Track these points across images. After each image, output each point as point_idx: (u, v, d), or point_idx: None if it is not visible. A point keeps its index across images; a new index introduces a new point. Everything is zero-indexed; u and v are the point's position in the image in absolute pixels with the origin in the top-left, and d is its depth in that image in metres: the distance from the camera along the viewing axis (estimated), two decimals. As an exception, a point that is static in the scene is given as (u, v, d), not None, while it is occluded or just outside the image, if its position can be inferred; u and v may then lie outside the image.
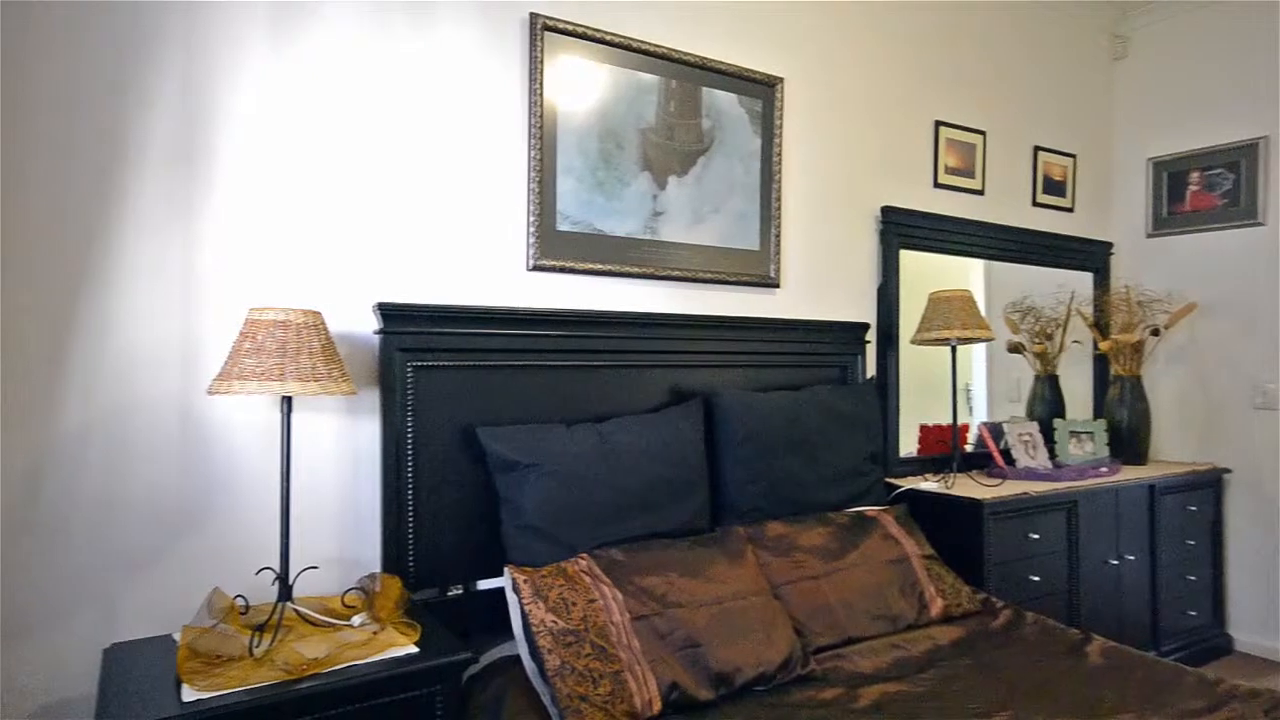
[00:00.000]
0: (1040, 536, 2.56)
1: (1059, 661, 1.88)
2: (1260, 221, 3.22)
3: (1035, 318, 3.31)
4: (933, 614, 2.10)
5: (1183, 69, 3.47)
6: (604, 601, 1.68)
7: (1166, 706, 1.64)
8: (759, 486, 2.27)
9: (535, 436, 1.93)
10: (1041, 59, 3.42)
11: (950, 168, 3.08)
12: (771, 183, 2.56)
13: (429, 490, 1.89)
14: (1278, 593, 3.17)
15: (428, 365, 1.91)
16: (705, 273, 2.43)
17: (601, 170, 2.22)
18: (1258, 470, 3.23)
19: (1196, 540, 3.16)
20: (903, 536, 2.28)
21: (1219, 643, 3.24)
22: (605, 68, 2.22)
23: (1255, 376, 3.24)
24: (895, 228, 2.87)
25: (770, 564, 2.03)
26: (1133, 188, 3.63)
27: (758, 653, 1.71)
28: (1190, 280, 3.40)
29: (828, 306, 2.75)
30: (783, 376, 2.55)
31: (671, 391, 2.30)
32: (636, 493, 1.98)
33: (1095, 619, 2.69)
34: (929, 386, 2.93)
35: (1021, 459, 2.92)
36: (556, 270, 2.15)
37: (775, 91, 2.55)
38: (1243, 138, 3.26)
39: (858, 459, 2.50)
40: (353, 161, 1.90)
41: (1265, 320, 3.21)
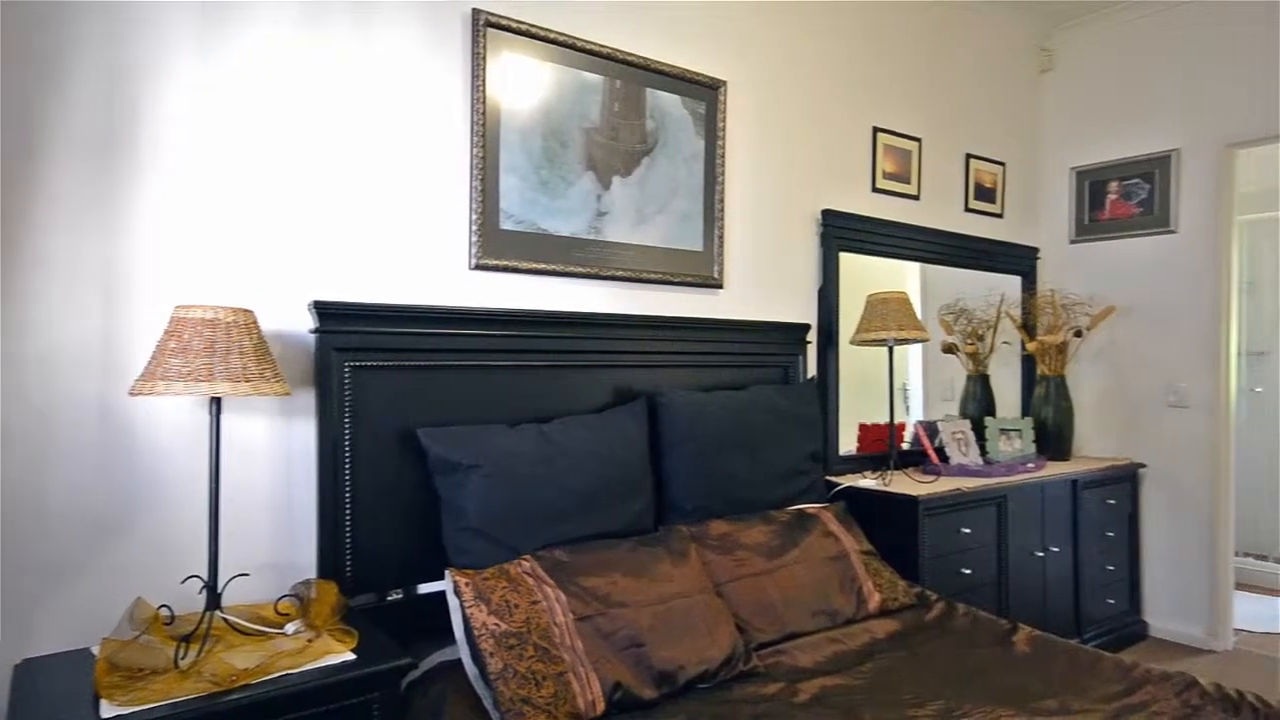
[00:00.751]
0: (972, 531, 2.66)
1: (989, 651, 1.95)
2: (1172, 229, 3.40)
3: (968, 319, 3.43)
4: (870, 608, 2.15)
5: (1103, 83, 3.64)
6: (547, 603, 1.67)
7: (1087, 691, 1.72)
8: (703, 485, 2.29)
9: (477, 437, 1.90)
10: (973, 70, 3.54)
11: (888, 173, 3.16)
12: (715, 184, 2.58)
13: (367, 493, 1.85)
14: (1189, 581, 3.35)
15: (366, 365, 1.86)
16: (649, 273, 2.44)
17: (545, 169, 2.20)
18: (1171, 464, 3.41)
19: (1115, 532, 3.32)
20: (842, 533, 2.33)
21: (1136, 629, 3.41)
22: (549, 66, 2.21)
23: (1168, 376, 3.42)
24: (835, 230, 2.93)
25: (713, 562, 2.05)
26: (1057, 196, 3.79)
27: (701, 651, 1.72)
28: (1110, 284, 3.57)
29: (770, 307, 2.79)
30: (726, 376, 2.58)
31: (616, 392, 2.30)
32: (580, 493, 1.97)
33: (1023, 609, 2.80)
34: (868, 386, 3.00)
35: (955, 456, 3.02)
36: (500, 269, 2.13)
37: (718, 94, 2.58)
38: (1156, 150, 3.44)
39: (799, 457, 2.54)
40: (289, 157, 1.84)
41: (1177, 323, 3.39)
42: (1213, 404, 3.29)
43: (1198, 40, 3.33)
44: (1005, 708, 1.63)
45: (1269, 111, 3.13)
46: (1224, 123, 3.26)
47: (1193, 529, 3.34)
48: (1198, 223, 3.33)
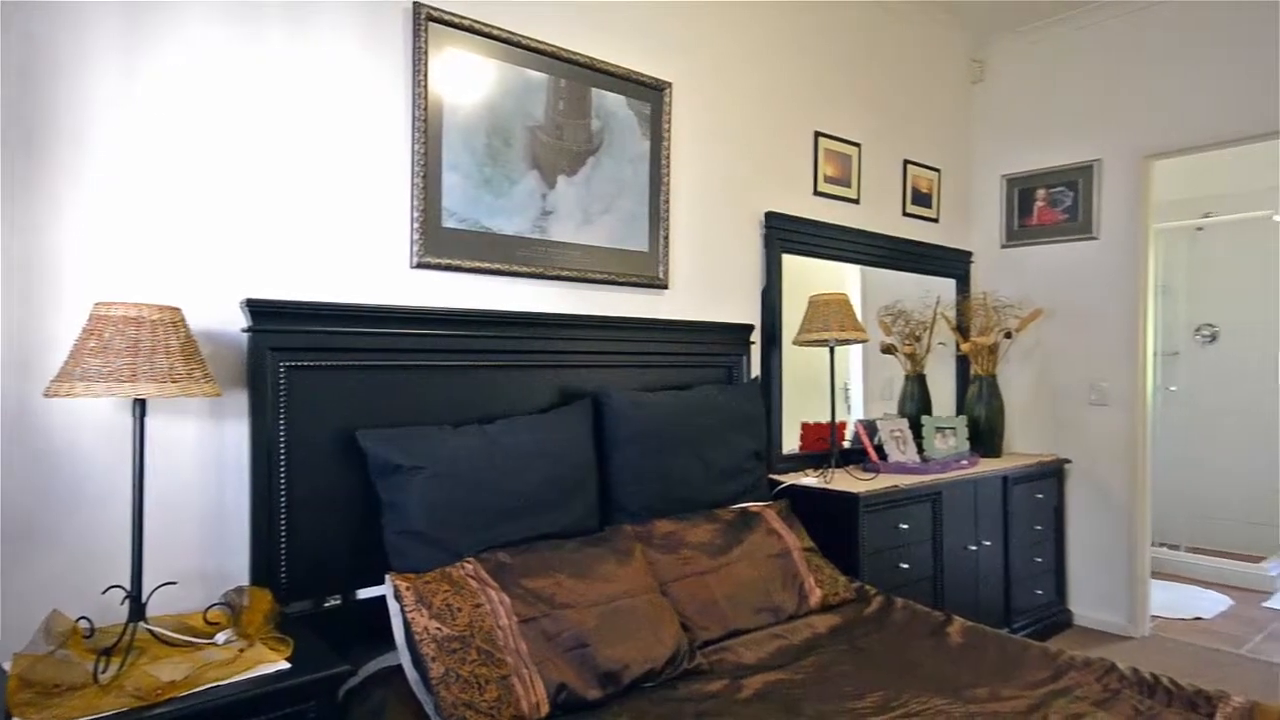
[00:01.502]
0: (909, 526, 2.73)
1: (924, 642, 2.01)
2: (1094, 236, 3.57)
3: (905, 321, 3.53)
4: (812, 604, 2.19)
5: (1030, 94, 3.79)
6: (491, 605, 1.65)
7: (1016, 678, 1.79)
8: (648, 485, 2.29)
9: (419, 439, 1.87)
10: (910, 78, 3.65)
11: (829, 177, 3.23)
12: (660, 185, 2.59)
13: (303, 497, 1.79)
14: (1110, 571, 3.51)
15: (303, 366, 1.81)
16: (595, 273, 2.43)
17: (489, 167, 2.18)
18: (1093, 460, 3.57)
19: (1042, 525, 3.46)
20: (785, 531, 2.37)
21: (1062, 618, 3.56)
22: (493, 63, 2.18)
23: (1091, 375, 3.59)
24: (778, 233, 2.98)
25: (659, 561, 2.06)
26: (989, 202, 3.93)
27: (646, 650, 1.73)
28: (1038, 288, 3.72)
29: (715, 308, 2.82)
30: (671, 376, 2.59)
31: (561, 392, 2.29)
32: (525, 494, 1.96)
33: (957, 601, 2.90)
34: (810, 385, 3.06)
35: (893, 454, 3.10)
36: (442, 268, 2.10)
37: (664, 96, 2.59)
38: (1080, 160, 3.60)
39: (743, 456, 2.57)
40: (221, 152, 1.77)
41: (1098, 325, 3.55)
42: (1131, 402, 3.46)
43: (1116, 55, 3.49)
44: (940, 697, 1.68)
45: (1182, 125, 3.31)
46: (1141, 135, 3.43)
47: (1113, 522, 3.51)
48: (1118, 229, 3.50)
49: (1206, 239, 4.81)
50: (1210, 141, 3.26)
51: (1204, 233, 4.80)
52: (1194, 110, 3.27)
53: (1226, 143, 3.24)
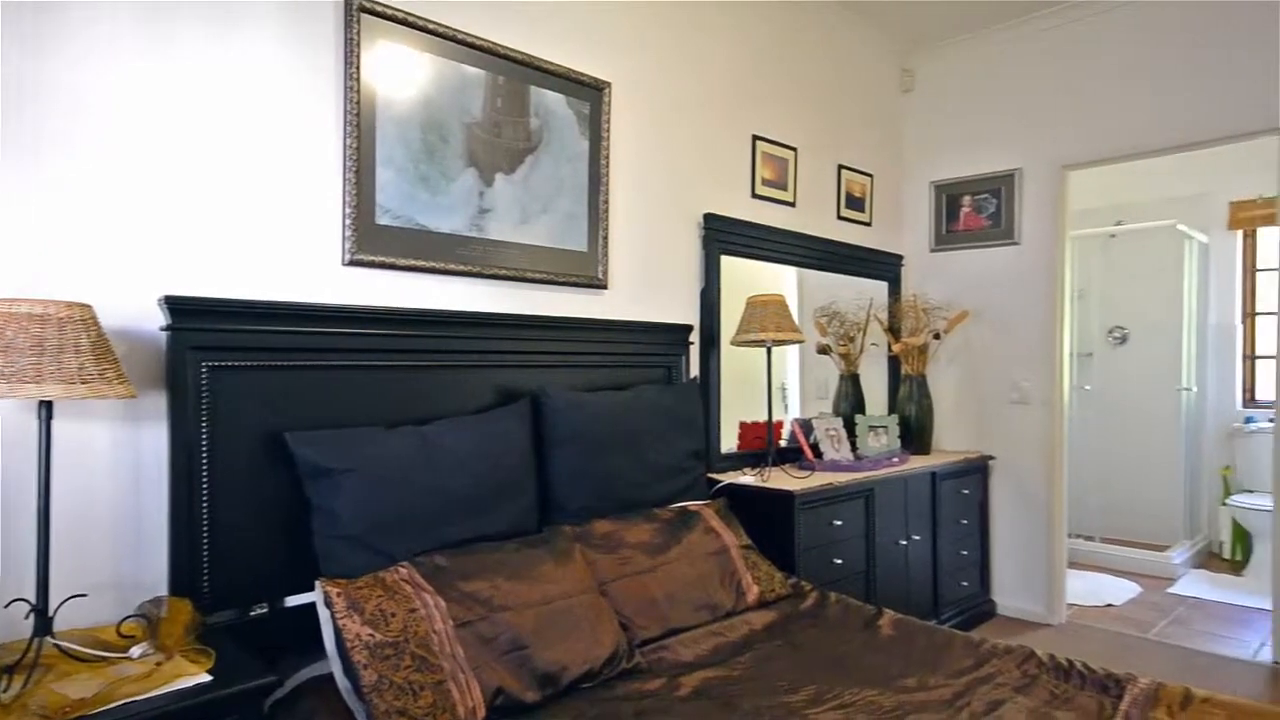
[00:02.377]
0: (843, 523, 2.80)
1: (856, 635, 2.07)
2: (1016, 241, 3.72)
3: (840, 322, 3.61)
4: (749, 601, 2.23)
5: (956, 104, 3.94)
6: (426, 610, 1.61)
7: (942, 667, 1.85)
8: (587, 485, 2.29)
9: (352, 440, 1.82)
10: (845, 86, 3.74)
11: (766, 180, 3.28)
12: (599, 185, 2.59)
13: (228, 502, 1.72)
14: (1029, 562, 3.67)
15: (228, 366, 1.74)
16: (533, 272, 2.41)
17: (425, 163, 2.14)
18: (1015, 456, 3.73)
19: (968, 519, 3.59)
20: (723, 529, 2.40)
21: (986, 608, 3.70)
22: (428, 57, 2.14)
23: (1012, 375, 3.74)
24: (716, 234, 3.01)
25: (598, 562, 2.06)
26: (919, 207, 4.06)
27: (584, 650, 1.72)
28: (964, 291, 3.87)
29: (654, 308, 2.83)
30: (610, 376, 2.59)
31: (499, 392, 2.27)
32: (462, 496, 1.93)
33: (888, 594, 2.98)
34: (748, 385, 3.10)
35: (828, 452, 3.17)
36: (376, 266, 2.05)
37: (603, 95, 2.59)
38: (1002, 168, 3.76)
39: (682, 456, 2.59)
40: (139, 141, 1.69)
41: (1019, 327, 3.71)
42: (1049, 400, 3.63)
43: (1036, 69, 3.66)
44: (871, 688, 1.73)
45: (1097, 138, 3.49)
46: (1059, 146, 3.60)
47: (1033, 515, 3.67)
48: (1037, 236, 3.66)
49: (1118, 246, 5.08)
50: (1122, 154, 3.45)
51: (1116, 240, 5.07)
52: (1107, 124, 3.45)
53: (1136, 155, 3.42)
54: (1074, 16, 3.51)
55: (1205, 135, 3.21)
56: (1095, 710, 1.63)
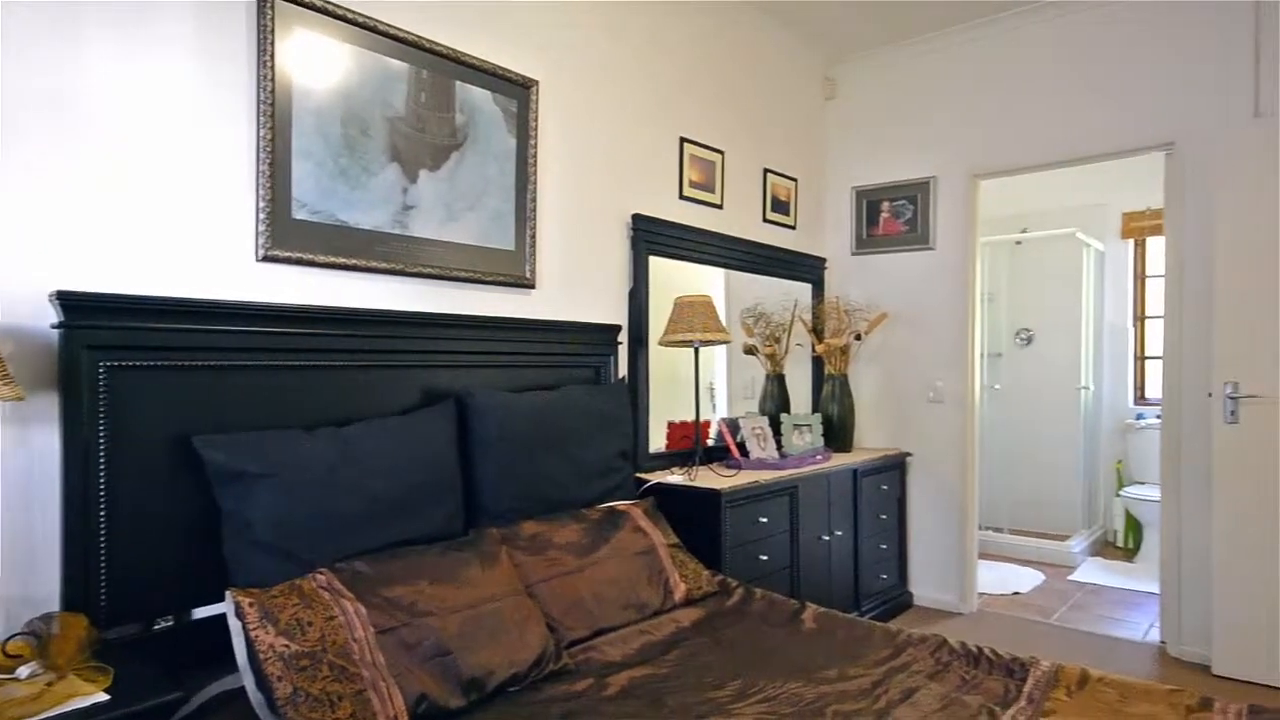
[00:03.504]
0: (768, 520, 2.86)
1: (780, 630, 2.11)
2: (931, 246, 3.88)
3: (766, 323, 3.69)
4: (676, 599, 2.25)
5: (876, 113, 4.07)
6: (345, 618, 1.56)
7: (862, 658, 1.91)
8: (514, 487, 2.27)
9: (267, 444, 1.75)
10: (771, 91, 3.82)
11: (694, 182, 3.32)
12: (527, 184, 2.57)
13: (129, 510, 1.63)
14: (944, 554, 3.83)
15: (129, 366, 1.64)
16: (459, 271, 2.37)
17: (345, 157, 2.07)
18: (930, 453, 3.89)
19: (887, 514, 3.72)
20: (650, 528, 2.41)
21: (904, 599, 3.84)
22: (349, 48, 2.08)
23: (928, 375, 3.90)
24: (645, 235, 3.03)
25: (525, 563, 2.04)
26: (841, 211, 4.18)
27: (511, 654, 1.71)
28: (884, 293, 4.01)
29: (582, 308, 2.82)
30: (538, 377, 2.57)
31: (423, 393, 2.22)
32: (384, 499, 1.88)
33: (812, 589, 3.06)
34: (676, 385, 3.13)
35: (754, 451, 3.23)
36: (293, 262, 1.97)
37: (530, 93, 2.57)
38: (918, 176, 3.91)
39: (610, 456, 2.59)
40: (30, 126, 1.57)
41: (935, 329, 3.87)
42: (962, 399, 3.80)
43: (950, 82, 3.82)
44: (794, 681, 1.77)
45: (1005, 149, 3.67)
46: (970, 156, 3.77)
47: (947, 509, 3.83)
48: (950, 241, 3.83)
49: (1024, 252, 5.36)
50: (1027, 165, 3.64)
51: (1022, 246, 5.35)
52: (1014, 136, 3.64)
53: (1040, 166, 3.62)
54: (985, 34, 3.69)
55: (1101, 150, 3.42)
56: (1001, 693, 1.72)
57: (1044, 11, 3.50)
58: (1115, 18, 3.34)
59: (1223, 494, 2.99)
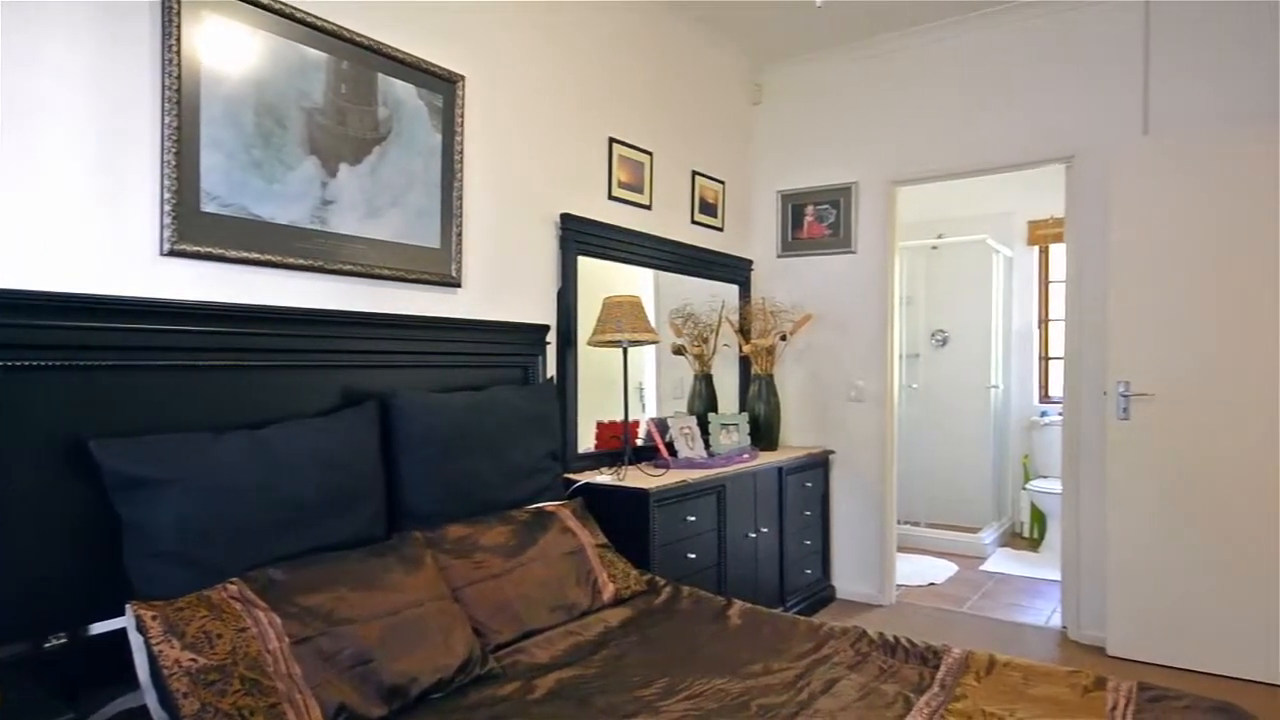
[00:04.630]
0: (696, 518, 2.89)
1: (708, 627, 2.14)
2: (853, 250, 4.00)
3: (694, 323, 3.73)
4: (605, 599, 2.25)
5: (801, 119, 4.18)
6: (258, 628, 1.50)
7: (785, 652, 1.96)
8: (440, 489, 2.22)
9: (172, 448, 1.66)
10: (699, 95, 3.86)
11: (623, 182, 3.32)
12: (453, 180, 2.52)
13: (15, 520, 1.52)
14: (864, 548, 3.96)
15: (20, 366, 1.54)
16: (382, 269, 2.31)
17: (259, 148, 1.99)
18: (852, 451, 4.01)
19: (811, 511, 3.82)
20: (579, 529, 2.40)
21: (827, 593, 3.95)
22: (263, 34, 2.00)
23: (850, 375, 4.02)
24: (573, 235, 3.02)
25: (451, 567, 2.00)
26: (767, 214, 4.27)
27: (435, 659, 1.67)
28: (808, 295, 4.11)
29: (510, 308, 2.79)
30: (465, 377, 2.53)
31: (345, 394, 2.15)
32: (303, 505, 1.82)
33: (739, 586, 3.11)
34: (606, 385, 3.13)
35: (683, 450, 3.26)
36: (202, 257, 1.88)
37: (457, 88, 2.52)
38: (840, 181, 4.03)
39: (539, 457, 2.57)
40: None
41: (856, 330, 3.99)
42: (881, 398, 3.93)
43: (871, 91, 3.95)
44: (720, 677, 1.80)
45: (919, 157, 3.82)
46: (889, 163, 3.90)
47: (867, 504, 3.96)
48: (871, 245, 3.96)
49: (940, 256, 5.59)
50: (941, 173, 3.79)
51: (938, 251, 5.58)
52: (930, 146, 3.79)
53: (952, 175, 3.79)
54: (904, 45, 3.83)
55: (1007, 161, 3.60)
56: (916, 680, 1.79)
57: (959, 27, 3.66)
58: (1023, 38, 3.53)
59: (1116, 486, 3.19)
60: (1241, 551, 2.95)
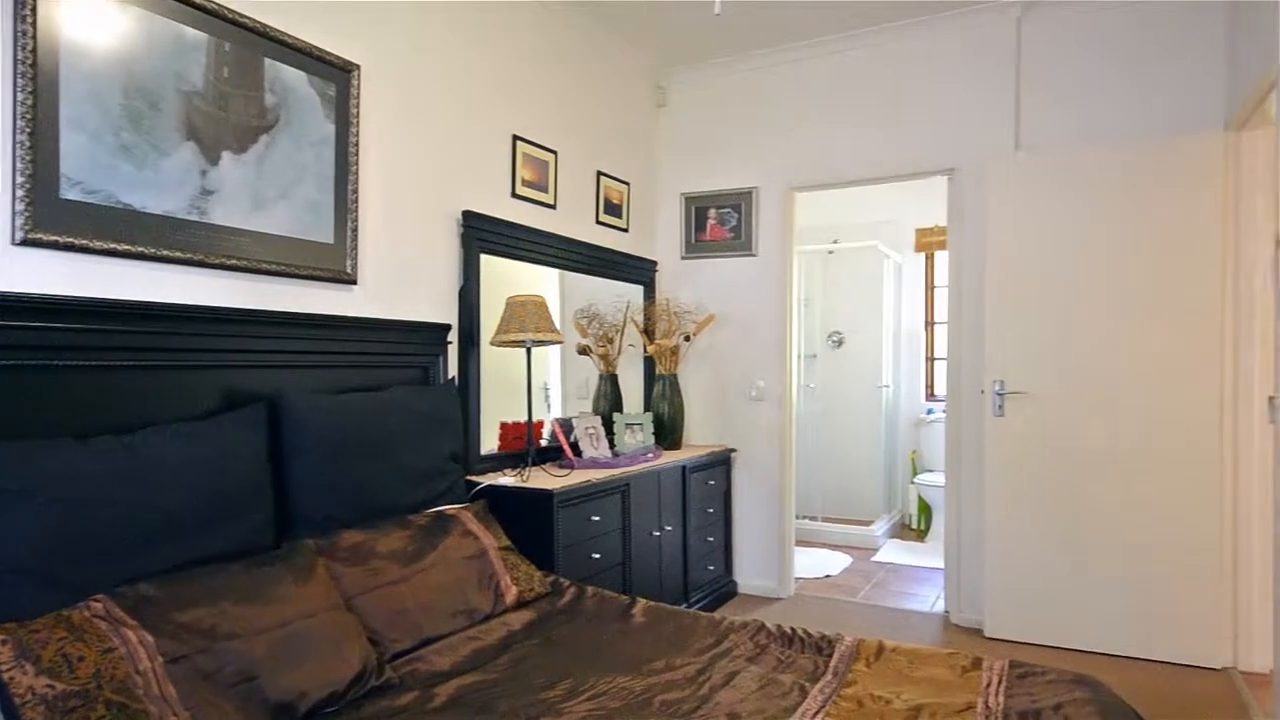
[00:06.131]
0: (601, 518, 2.89)
1: (612, 626, 2.14)
2: (754, 253, 4.11)
3: (600, 324, 3.73)
4: (508, 602, 2.21)
5: (704, 123, 4.25)
6: (127, 649, 1.39)
7: (688, 648, 1.98)
8: (334, 495, 2.14)
9: (23, 455, 1.52)
10: (605, 95, 3.87)
11: (527, 181, 3.29)
12: (348, 174, 2.42)
13: None
14: (765, 543, 4.07)
15: None
16: (270, 264, 2.19)
17: (129, 132, 1.84)
18: (753, 449, 4.12)
19: (714, 508, 3.89)
20: (481, 531, 2.36)
21: (729, 588, 4.04)
22: (133, 10, 1.85)
23: (751, 375, 4.13)
24: (476, 232, 2.96)
25: (345, 575, 1.92)
26: (671, 216, 4.33)
27: (326, 672, 1.60)
28: (711, 296, 4.19)
29: (409, 306, 2.71)
30: (362, 378, 2.44)
31: (230, 396, 2.03)
32: (179, 514, 1.71)
33: (643, 584, 3.14)
34: (511, 386, 3.08)
35: (588, 450, 3.26)
36: (61, 247, 1.72)
37: (352, 78, 2.42)
38: (742, 186, 4.13)
39: (440, 459, 2.51)
40: None
41: (756, 331, 4.10)
42: (780, 398, 4.05)
43: (770, 97, 4.06)
44: (624, 675, 1.80)
45: (815, 164, 3.96)
46: (787, 169, 4.03)
47: (767, 500, 4.07)
48: (771, 249, 4.08)
49: (835, 261, 5.83)
50: (835, 181, 3.95)
51: (834, 255, 5.81)
52: (825, 154, 3.93)
53: (845, 183, 3.95)
54: (800, 57, 3.96)
55: (896, 171, 3.79)
56: (811, 669, 1.85)
57: (851, 42, 3.82)
58: (910, 55, 3.72)
59: (992, 478, 3.42)
60: (1103, 537, 3.22)
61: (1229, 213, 3.04)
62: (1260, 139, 2.92)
